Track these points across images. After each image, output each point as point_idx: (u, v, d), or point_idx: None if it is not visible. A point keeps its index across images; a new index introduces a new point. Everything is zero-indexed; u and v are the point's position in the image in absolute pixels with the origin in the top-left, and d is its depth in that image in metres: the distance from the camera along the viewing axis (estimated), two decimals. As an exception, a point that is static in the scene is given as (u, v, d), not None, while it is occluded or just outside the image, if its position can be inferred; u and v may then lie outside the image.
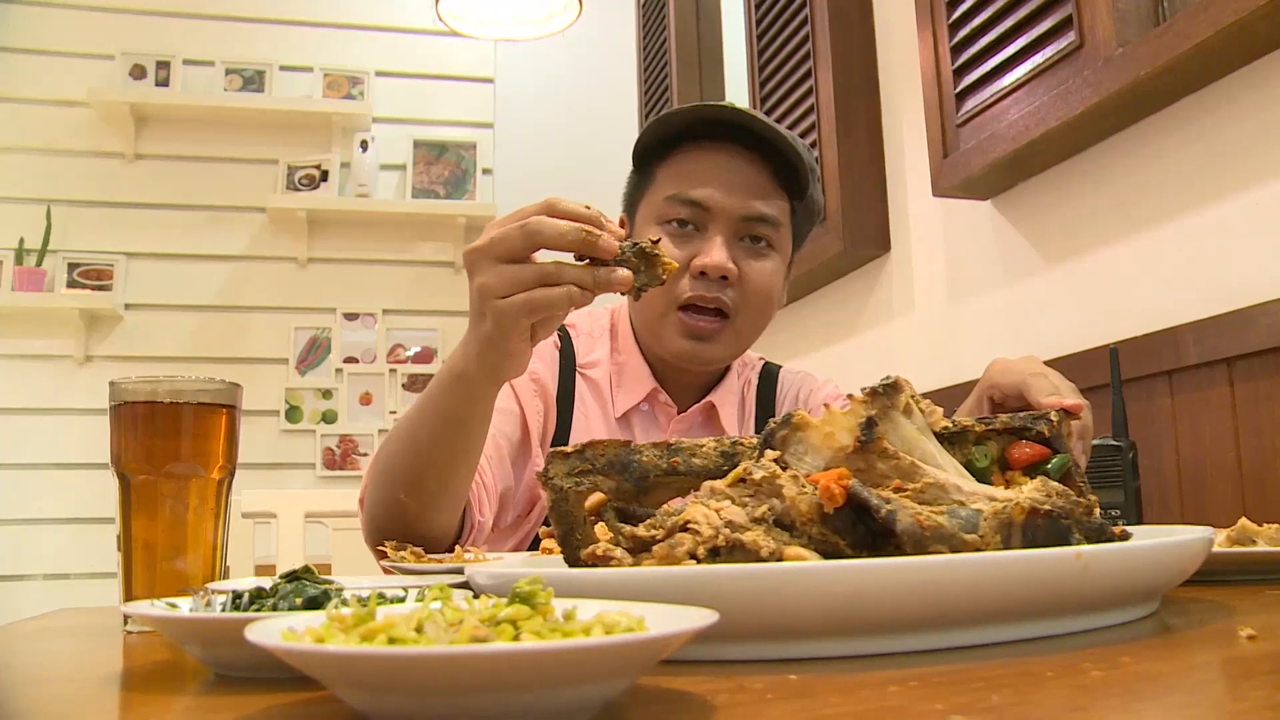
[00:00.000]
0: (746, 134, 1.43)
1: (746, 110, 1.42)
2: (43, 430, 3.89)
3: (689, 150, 1.46)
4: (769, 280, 1.45)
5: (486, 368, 1.06)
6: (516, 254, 0.97)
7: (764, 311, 1.48)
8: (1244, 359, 1.53)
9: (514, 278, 0.96)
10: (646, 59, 4.22)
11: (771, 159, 1.44)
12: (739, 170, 1.43)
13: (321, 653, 0.42)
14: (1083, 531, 0.70)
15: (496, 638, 0.44)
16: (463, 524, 1.28)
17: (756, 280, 1.43)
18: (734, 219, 1.42)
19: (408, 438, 1.17)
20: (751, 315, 1.46)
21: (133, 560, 0.91)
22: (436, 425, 1.14)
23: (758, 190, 1.43)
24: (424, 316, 4.32)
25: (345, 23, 4.43)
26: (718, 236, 1.41)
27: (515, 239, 0.96)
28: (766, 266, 1.45)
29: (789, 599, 0.56)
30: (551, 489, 0.72)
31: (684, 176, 1.44)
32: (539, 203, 0.98)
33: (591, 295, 0.97)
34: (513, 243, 0.96)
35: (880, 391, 0.72)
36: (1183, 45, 1.53)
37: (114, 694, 0.61)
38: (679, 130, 1.46)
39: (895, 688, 0.50)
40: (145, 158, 4.18)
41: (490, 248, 0.97)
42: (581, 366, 1.53)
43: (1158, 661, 0.56)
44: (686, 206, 1.43)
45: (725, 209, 1.42)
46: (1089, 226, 1.89)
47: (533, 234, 0.95)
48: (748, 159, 1.44)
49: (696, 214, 1.43)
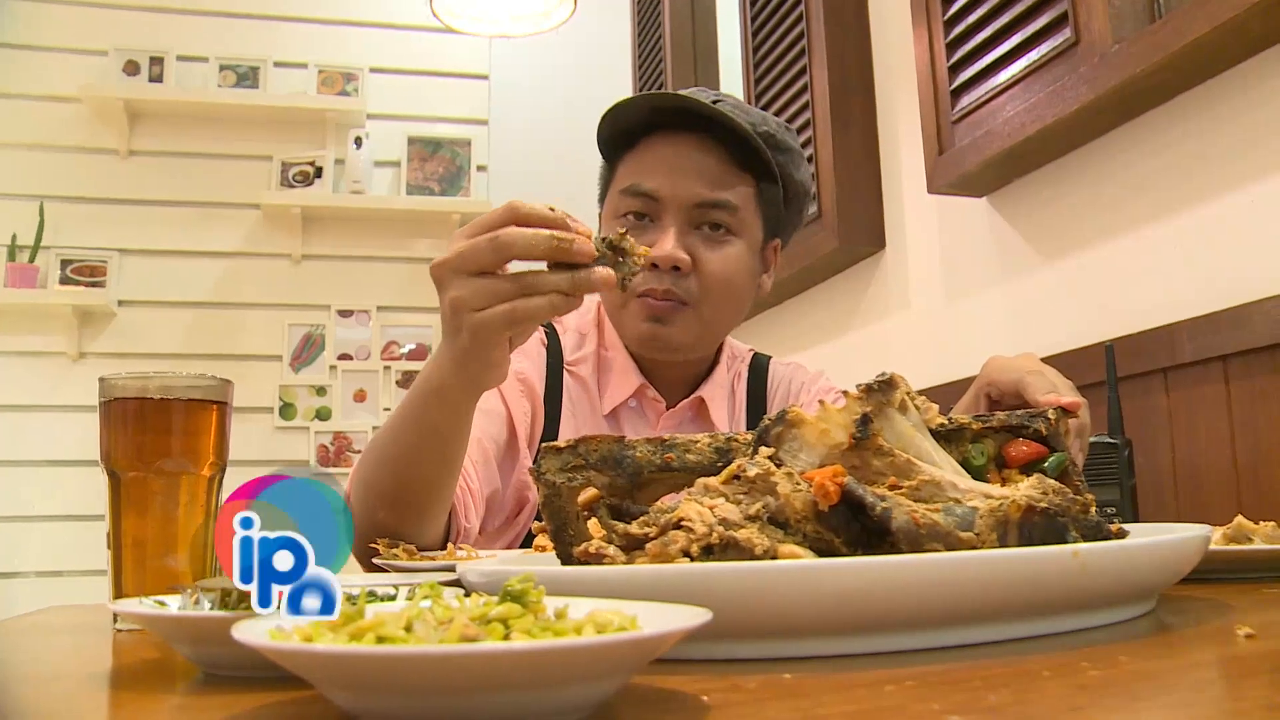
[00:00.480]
0: (700, 120, 1.41)
1: (694, 97, 1.41)
2: (36, 427, 3.87)
3: (648, 141, 1.45)
4: (730, 267, 1.43)
5: (466, 380, 1.03)
6: (487, 267, 0.94)
7: (730, 298, 1.45)
8: (1240, 356, 1.52)
9: (491, 291, 0.94)
10: (641, 56, 4.21)
11: (728, 143, 1.43)
12: (689, 158, 1.42)
13: (308, 652, 0.41)
14: (1079, 530, 0.69)
15: (487, 637, 0.43)
16: (448, 531, 1.27)
17: (715, 268, 1.42)
18: (686, 207, 1.41)
19: (386, 456, 1.14)
20: (715, 303, 1.43)
21: (123, 558, 0.91)
22: (415, 440, 1.11)
23: (711, 177, 1.42)
24: (418, 313, 4.31)
25: (340, 19, 4.42)
26: (670, 227, 1.40)
27: (485, 252, 0.93)
28: (728, 253, 1.43)
29: (783, 597, 0.56)
30: (544, 484, 0.71)
31: (639, 168, 1.44)
32: (501, 210, 0.95)
33: (577, 301, 0.95)
34: (483, 256, 0.94)
35: (875, 388, 0.71)
36: (1178, 42, 1.53)
37: (103, 693, 0.60)
38: (640, 123, 1.45)
39: (891, 687, 0.49)
40: (139, 154, 4.16)
41: (460, 262, 0.95)
42: (569, 364, 1.52)
43: (1156, 660, 0.56)
44: (639, 198, 1.42)
45: (675, 198, 1.41)
46: (1084, 223, 1.89)
47: (504, 246, 0.93)
48: (701, 146, 1.42)
49: (649, 205, 1.42)
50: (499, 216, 0.95)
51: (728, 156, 1.43)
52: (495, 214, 0.95)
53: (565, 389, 1.50)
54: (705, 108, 1.39)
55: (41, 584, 3.76)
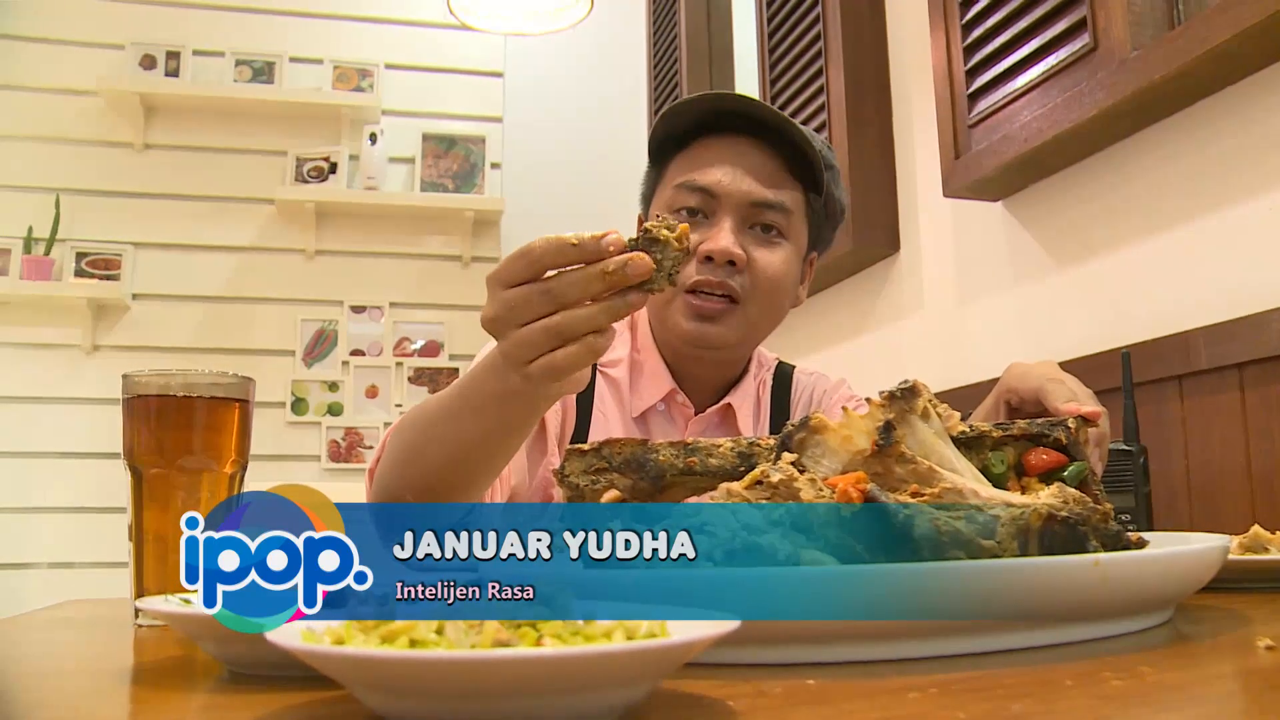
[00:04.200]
0: (758, 124, 1.42)
1: (756, 100, 1.42)
2: (49, 419, 3.89)
3: (702, 141, 1.45)
4: (779, 269, 1.44)
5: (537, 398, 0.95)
6: (540, 316, 0.88)
7: (775, 301, 1.46)
8: (1255, 364, 1.52)
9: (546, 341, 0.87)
10: (656, 55, 4.21)
11: (782, 149, 1.44)
12: (748, 156, 1.43)
13: (345, 655, 0.42)
14: (1099, 539, 0.69)
15: (520, 642, 0.44)
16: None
17: (766, 268, 1.42)
18: (742, 205, 1.42)
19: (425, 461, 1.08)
20: (762, 303, 1.44)
21: (144, 553, 0.91)
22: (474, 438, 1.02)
23: (767, 177, 1.43)
24: (431, 310, 4.31)
25: (355, 15, 4.42)
26: (726, 221, 1.40)
27: (539, 305, 0.87)
28: (777, 255, 1.44)
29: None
30: (568, 486, 0.72)
31: (694, 165, 1.44)
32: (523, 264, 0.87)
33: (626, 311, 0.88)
34: (537, 308, 0.87)
35: (898, 395, 0.71)
36: (1198, 49, 1.53)
37: (128, 690, 0.61)
38: (692, 123, 1.46)
39: (915, 694, 0.50)
40: (154, 148, 4.17)
41: (513, 315, 0.88)
42: (603, 365, 1.52)
43: (1177, 671, 0.56)
44: (696, 193, 1.42)
45: (733, 194, 1.41)
46: (1100, 229, 1.89)
47: (559, 297, 0.86)
48: (758, 147, 1.43)
49: (705, 201, 1.42)
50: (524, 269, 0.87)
51: (782, 162, 1.44)
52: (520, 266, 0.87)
53: (597, 390, 1.50)
54: (769, 111, 1.40)
55: (53, 575, 3.78)
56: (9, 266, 3.93)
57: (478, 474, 1.07)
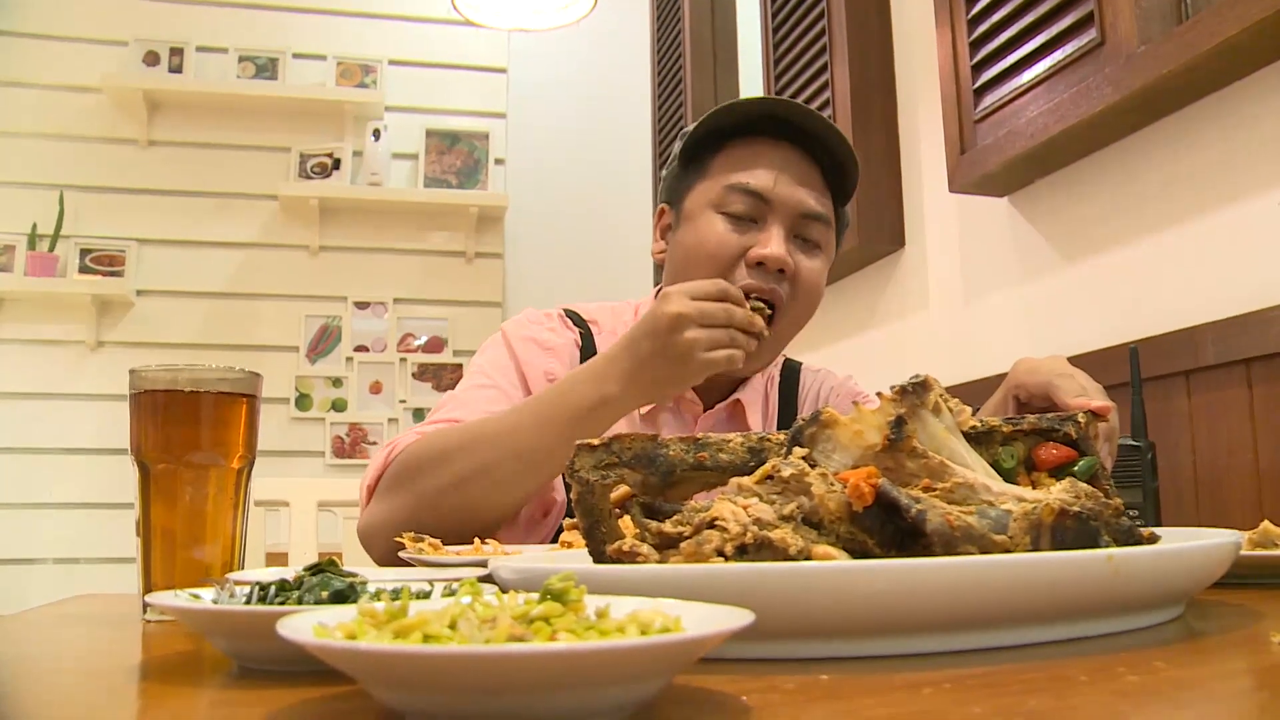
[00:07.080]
0: (800, 132, 1.42)
1: (813, 110, 1.42)
2: (54, 415, 3.89)
3: (744, 142, 1.45)
4: (817, 279, 1.45)
5: (648, 395, 1.28)
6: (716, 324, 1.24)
7: (809, 310, 1.47)
8: (1263, 360, 1.52)
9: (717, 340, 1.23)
10: (660, 51, 4.21)
11: (822, 159, 1.44)
12: (797, 166, 1.43)
13: (358, 650, 0.42)
14: (1111, 534, 0.69)
15: (534, 637, 0.43)
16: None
17: (809, 277, 1.43)
18: (793, 214, 1.41)
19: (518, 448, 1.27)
20: (798, 312, 1.44)
21: (152, 548, 0.91)
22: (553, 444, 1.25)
23: (814, 189, 1.43)
24: (434, 306, 4.31)
25: (359, 11, 4.42)
26: (776, 229, 1.40)
27: (720, 318, 1.24)
28: (817, 266, 1.44)
29: (822, 598, 0.56)
30: (578, 481, 0.71)
31: (743, 168, 1.43)
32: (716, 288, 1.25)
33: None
34: (719, 318, 1.24)
35: (909, 390, 0.71)
36: (1206, 44, 1.52)
37: (137, 685, 0.60)
38: (735, 122, 1.45)
39: (929, 690, 0.50)
40: (158, 144, 4.17)
41: (701, 318, 1.22)
42: None
43: (1192, 667, 0.56)
44: (747, 197, 1.41)
45: (785, 203, 1.41)
46: (1107, 225, 1.88)
47: (729, 318, 1.24)
48: (803, 156, 1.43)
49: (756, 206, 1.41)
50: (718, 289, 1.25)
51: (820, 171, 1.44)
52: (714, 287, 1.25)
53: None
54: (823, 122, 1.41)
55: (59, 571, 3.78)
56: (13, 263, 3.94)
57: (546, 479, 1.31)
